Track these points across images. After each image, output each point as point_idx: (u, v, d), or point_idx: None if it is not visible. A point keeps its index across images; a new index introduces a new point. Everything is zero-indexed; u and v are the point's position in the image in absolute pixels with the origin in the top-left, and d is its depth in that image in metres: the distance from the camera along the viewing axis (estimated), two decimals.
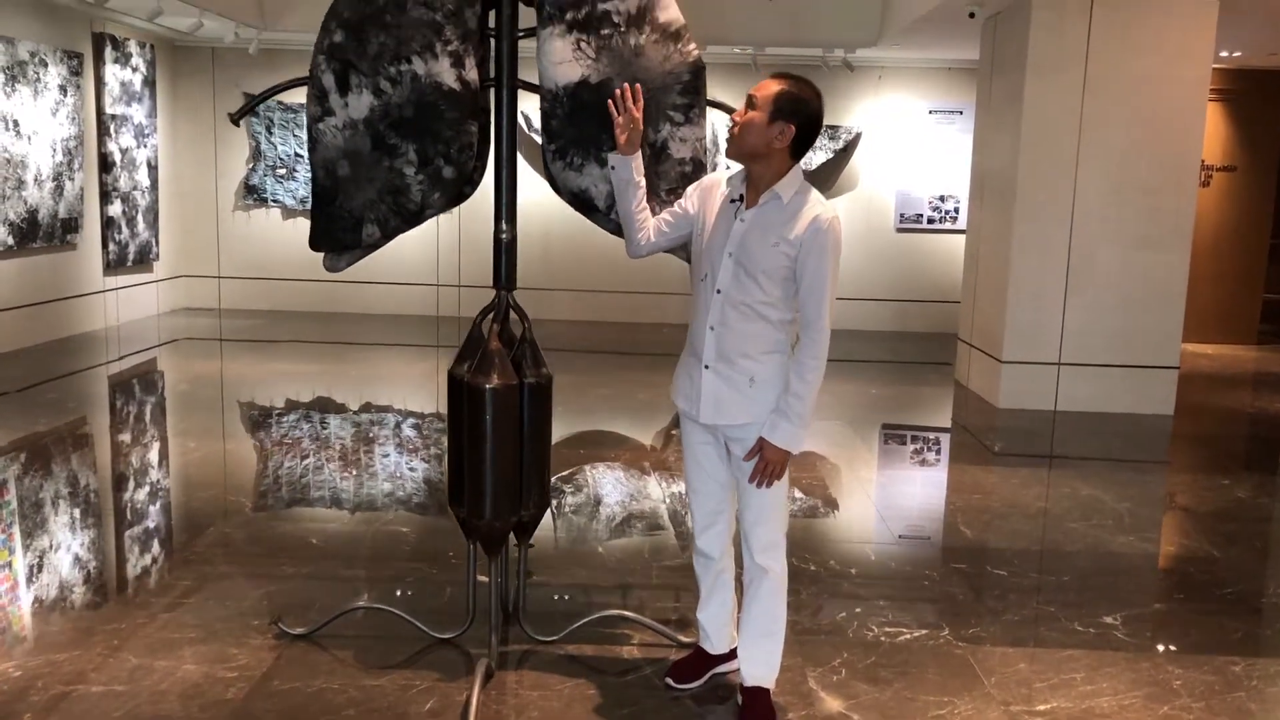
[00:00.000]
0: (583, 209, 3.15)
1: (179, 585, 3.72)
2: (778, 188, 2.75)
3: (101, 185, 9.14)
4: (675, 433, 6.13)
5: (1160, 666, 3.33)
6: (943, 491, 5.38)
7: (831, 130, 10.36)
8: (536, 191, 2.84)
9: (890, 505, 5.05)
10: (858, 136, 10.46)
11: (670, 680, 3.09)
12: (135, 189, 9.61)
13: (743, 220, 2.78)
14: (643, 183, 2.96)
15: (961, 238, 10.36)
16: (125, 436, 5.95)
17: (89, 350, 8.39)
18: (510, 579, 3.41)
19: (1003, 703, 3.06)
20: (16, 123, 7.87)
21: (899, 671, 3.23)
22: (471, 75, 2.98)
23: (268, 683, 3.03)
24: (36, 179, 8.16)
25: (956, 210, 10.57)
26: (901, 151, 10.53)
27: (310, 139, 3.00)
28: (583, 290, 10.61)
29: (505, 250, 3.16)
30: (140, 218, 9.72)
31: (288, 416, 6.49)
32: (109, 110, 9.10)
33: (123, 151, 9.37)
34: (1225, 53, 8.94)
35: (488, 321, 3.17)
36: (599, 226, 3.20)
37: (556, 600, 3.68)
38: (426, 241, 10.41)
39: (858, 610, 3.67)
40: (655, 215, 3.02)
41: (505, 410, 3.05)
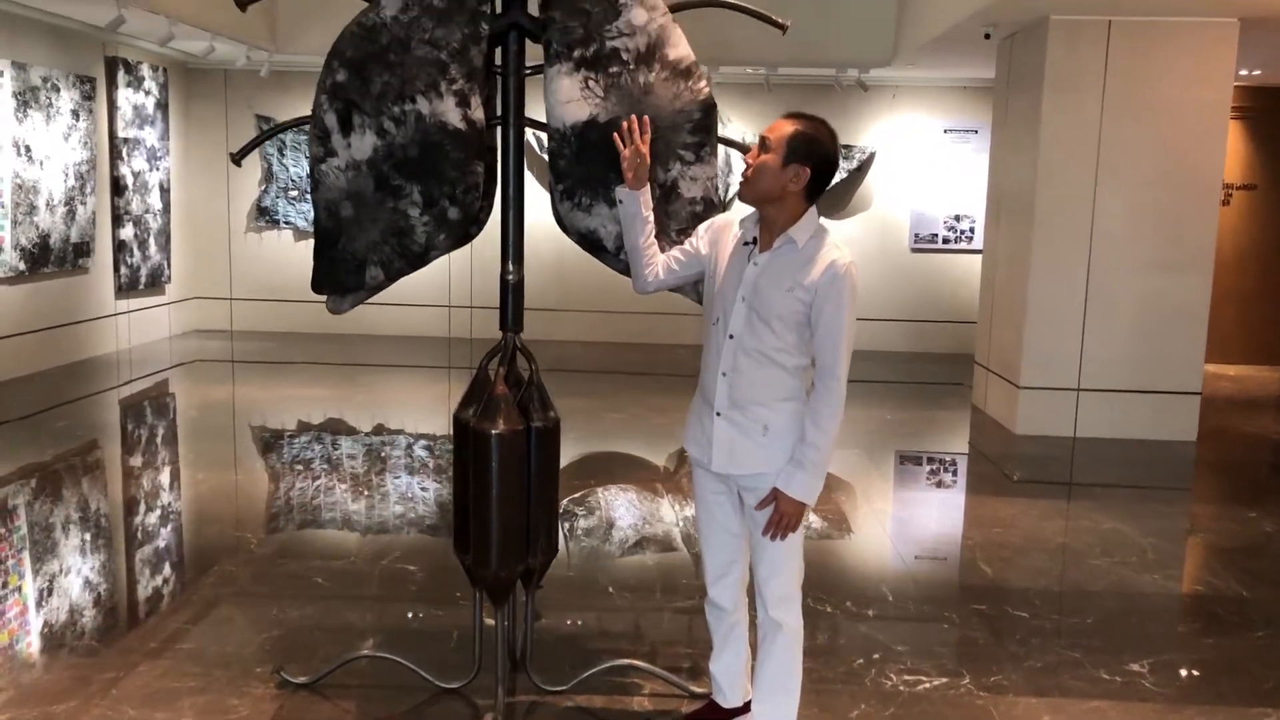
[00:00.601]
0: (591, 249, 3.07)
1: (180, 629, 3.65)
2: (792, 232, 2.67)
3: (114, 209, 9.14)
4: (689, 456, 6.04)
5: None
6: (961, 525, 5.26)
7: (845, 150, 10.27)
8: (548, 212, 2.78)
9: (907, 539, 4.94)
10: (872, 156, 10.37)
11: None
12: (147, 212, 9.61)
13: (756, 264, 2.70)
14: (650, 218, 2.89)
15: (977, 258, 10.26)
16: (132, 467, 5.90)
17: (100, 374, 8.37)
18: (517, 625, 3.33)
19: None
20: (28, 148, 7.87)
21: None
22: (477, 114, 2.91)
23: None
24: (49, 204, 8.15)
25: (972, 230, 10.47)
26: (916, 171, 10.44)
27: (312, 180, 2.94)
28: (597, 311, 10.54)
29: (512, 292, 3.09)
30: (152, 240, 9.72)
31: (297, 444, 6.43)
32: (121, 134, 9.11)
33: (135, 175, 9.37)
34: (1245, 71, 8.82)
35: (494, 364, 3.10)
36: (608, 267, 3.12)
37: (565, 646, 3.59)
38: (438, 263, 10.32)
39: (875, 656, 3.57)
40: (665, 253, 2.95)
41: (512, 456, 2.97)
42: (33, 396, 7.37)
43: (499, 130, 3.05)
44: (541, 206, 3.58)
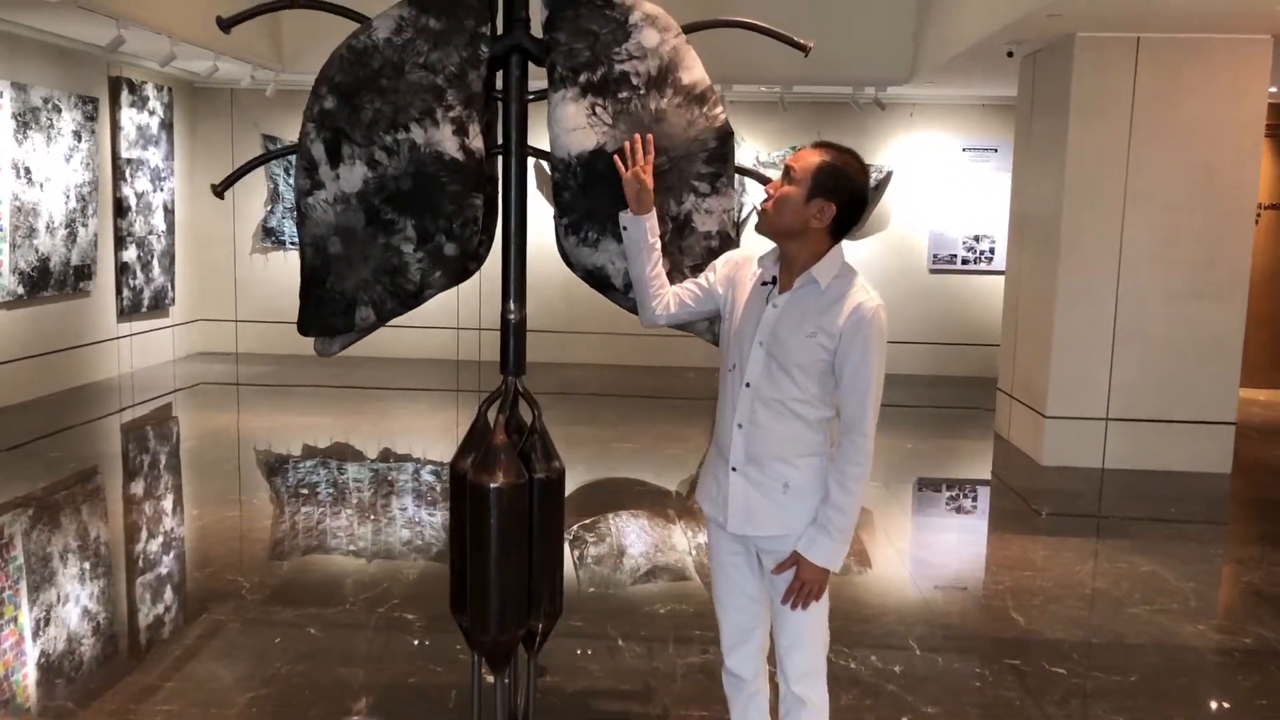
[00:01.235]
0: (598, 286, 2.86)
1: (161, 689, 3.43)
2: (814, 271, 2.44)
3: (116, 230, 8.98)
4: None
5: None
6: (989, 566, 5.01)
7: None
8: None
9: (931, 582, 4.69)
10: (889, 175, 10.15)
11: None
12: (151, 233, 9.45)
13: (775, 306, 2.47)
14: (658, 245, 2.66)
15: (998, 279, 10.01)
16: (123, 502, 5.70)
17: (100, 400, 8.19)
18: (519, 685, 3.09)
19: None
20: (28, 170, 7.72)
21: None
22: (476, 143, 2.70)
23: None
24: (49, 226, 7.99)
25: (992, 250, 10.22)
26: (934, 190, 10.21)
27: (298, 214, 2.73)
28: (607, 333, 10.32)
29: (513, 332, 2.87)
30: (156, 262, 9.56)
31: (299, 477, 6.22)
32: (125, 154, 8.96)
33: (138, 196, 9.22)
34: (1275, 88, 8.57)
35: (494, 410, 2.88)
36: (617, 305, 2.90)
37: (571, 708, 3.35)
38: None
39: None
40: (677, 285, 2.72)
41: (512, 512, 2.74)
42: (29, 424, 7.19)
43: (499, 160, 2.84)
44: (549, 227, 3.36)
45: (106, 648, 3.81)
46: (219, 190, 2.84)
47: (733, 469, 2.51)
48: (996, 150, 10.10)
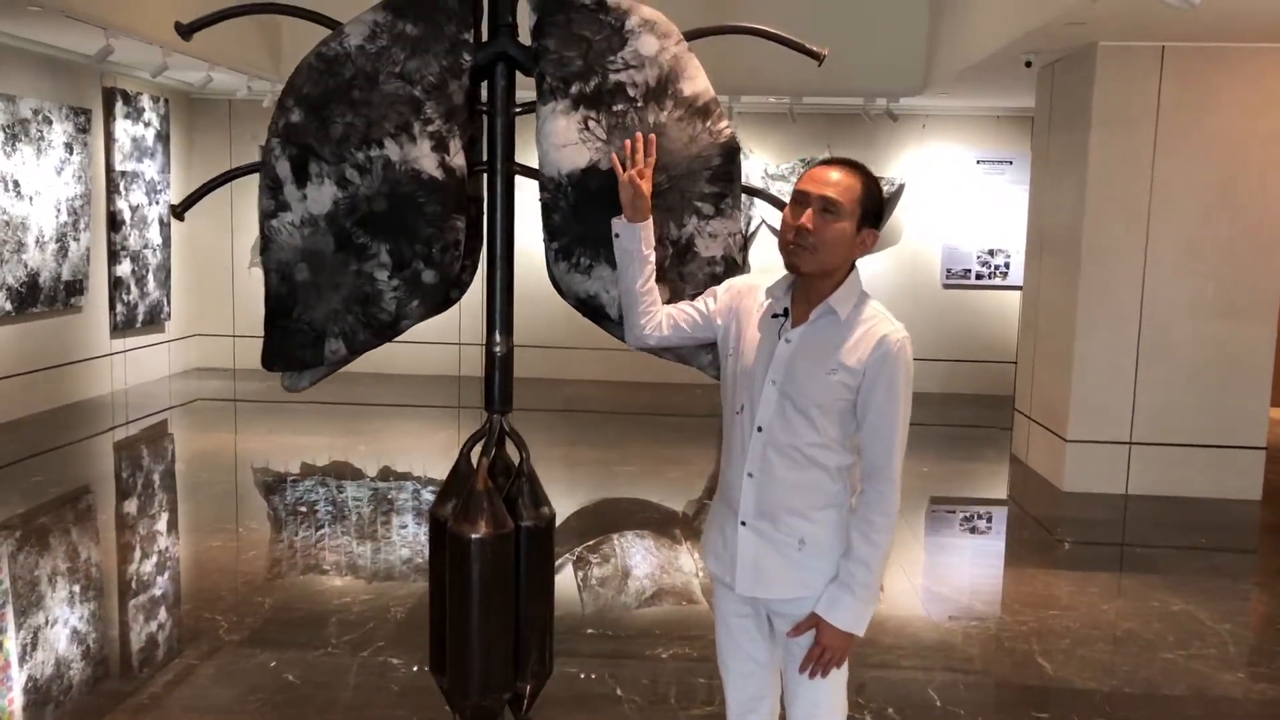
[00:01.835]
0: (591, 316, 2.61)
1: None
2: (833, 300, 2.20)
3: (110, 244, 8.78)
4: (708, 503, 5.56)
5: None
6: (1011, 605, 4.73)
7: None
8: None
9: (950, 622, 4.42)
10: (901, 188, 9.90)
11: None
12: (146, 247, 9.25)
13: (788, 340, 2.22)
14: (652, 258, 2.40)
15: (1013, 295, 9.76)
16: (103, 530, 5.46)
17: (92, 418, 7.98)
18: None
19: None
20: (17, 183, 7.52)
21: None
22: (457, 161, 2.46)
23: None
24: (38, 241, 7.79)
25: (1007, 266, 9.95)
26: (948, 204, 9.95)
27: (262, 238, 2.49)
28: (610, 349, 10.04)
29: (499, 366, 2.63)
30: (151, 277, 9.35)
31: (291, 502, 5.98)
32: (119, 167, 8.76)
33: (133, 209, 9.02)
34: None
35: (477, 451, 2.63)
36: (612, 335, 2.66)
37: None
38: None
39: None
40: (672, 305, 2.46)
41: (496, 564, 2.50)
42: (14, 444, 6.97)
43: (484, 178, 2.60)
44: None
45: (63, 697, 3.57)
46: (179, 211, 2.61)
47: (742, 523, 2.26)
48: (1012, 162, 9.85)
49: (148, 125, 9.14)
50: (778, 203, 2.36)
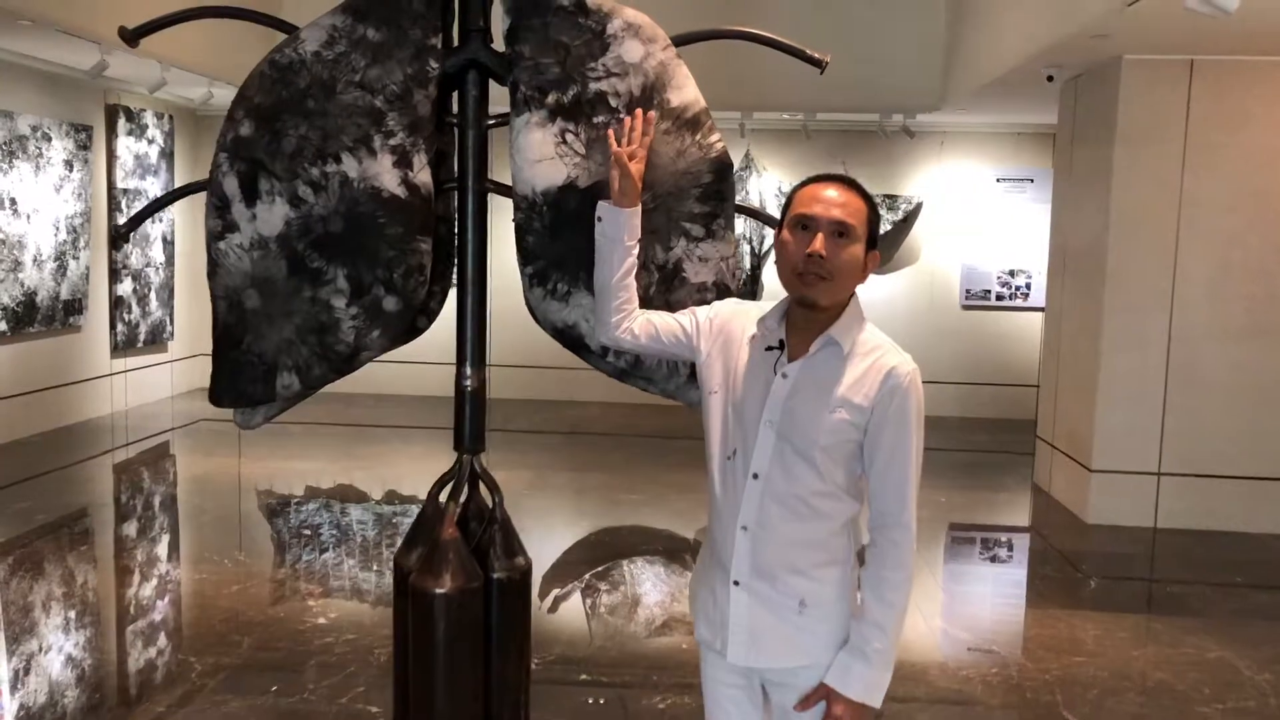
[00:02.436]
0: (570, 347, 2.39)
1: None
2: (835, 331, 1.96)
3: (111, 263, 8.63)
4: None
5: None
6: (1034, 649, 4.45)
7: (890, 200, 9.58)
8: None
9: (970, 668, 4.14)
10: (918, 207, 9.64)
11: None
12: (149, 265, 9.11)
13: (785, 376, 1.98)
14: (635, 250, 2.16)
15: (1035, 316, 9.48)
16: (82, 563, 5.26)
17: (90, 440, 7.81)
18: None
19: None
20: (14, 201, 7.39)
21: None
22: (421, 177, 2.25)
23: None
24: (36, 259, 7.65)
25: (1028, 286, 9.67)
26: (967, 223, 9.69)
27: (209, 262, 2.28)
28: None
29: (470, 401, 2.40)
30: (153, 295, 9.20)
31: (284, 531, 5.77)
32: (121, 184, 8.62)
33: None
34: None
35: (447, 494, 2.41)
36: (595, 369, 2.43)
37: None
38: (449, 316, 9.74)
39: None
40: (651, 311, 2.23)
41: (463, 622, 2.27)
42: (8, 468, 6.80)
43: (454, 196, 2.39)
44: None
45: None
46: (123, 231, 2.41)
47: (735, 583, 2.01)
48: (1033, 180, 9.58)
49: (151, 142, 9.01)
50: (771, 220, 2.13)
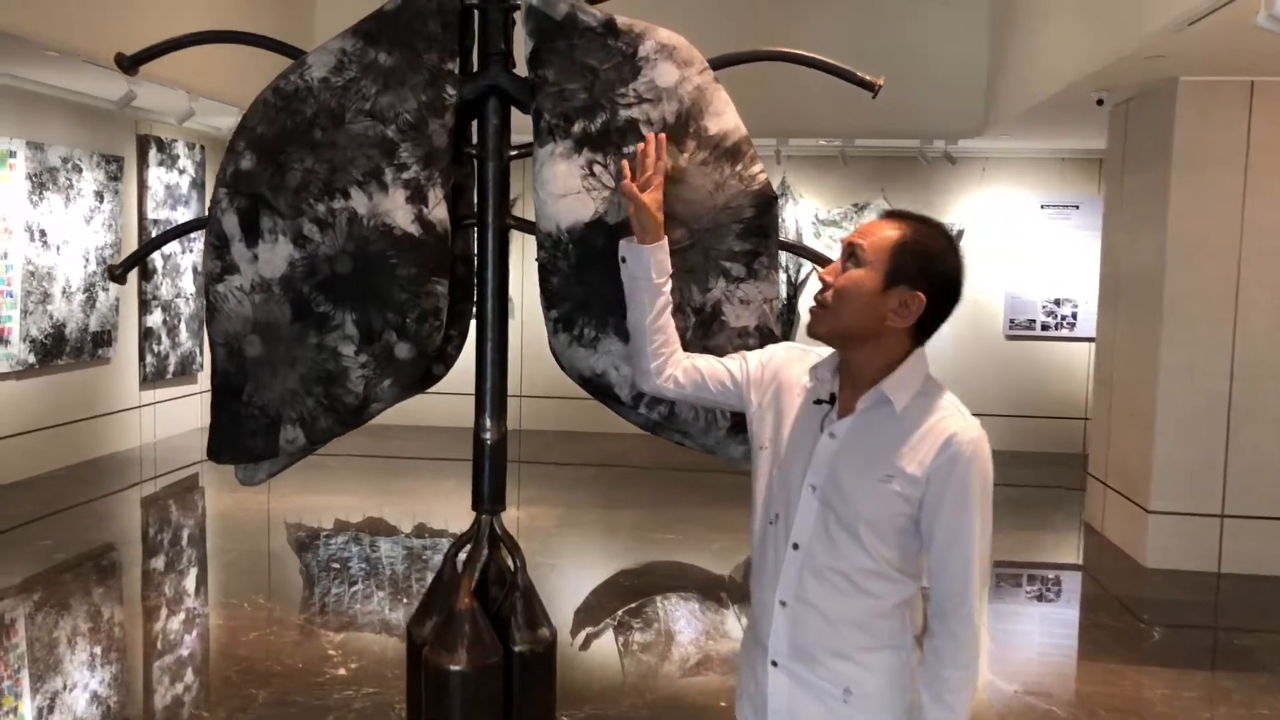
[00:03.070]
0: (600, 397, 2.19)
1: None
2: (886, 386, 1.74)
3: (140, 294, 8.58)
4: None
5: None
6: (1096, 710, 4.15)
7: None
8: None
9: None
10: (960, 234, 9.36)
11: None
12: (179, 296, 9.05)
13: (833, 435, 1.77)
14: (667, 288, 1.97)
15: (1082, 346, 9.17)
16: (96, 605, 5.11)
17: (116, 473, 7.72)
18: None
19: None
20: (44, 232, 7.35)
21: None
22: (437, 213, 2.07)
23: None
24: (65, 291, 7.60)
25: (1075, 316, 9.36)
26: (1011, 250, 9.40)
27: (208, 306, 2.11)
28: None
29: (490, 456, 2.21)
30: (183, 326, 9.14)
31: (309, 571, 5.60)
32: (151, 215, 8.59)
33: (165, 257, 8.83)
34: None
35: (464, 559, 2.21)
36: (627, 420, 2.23)
37: None
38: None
39: None
40: (696, 356, 2.02)
41: (480, 700, 2.06)
42: (31, 503, 6.70)
43: (474, 233, 2.21)
44: None
45: None
46: (119, 274, 2.24)
47: (773, 663, 1.80)
48: (1079, 207, 9.30)
49: (182, 172, 8.98)
50: (822, 259, 1.92)
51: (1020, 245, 9.39)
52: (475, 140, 2.19)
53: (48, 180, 7.37)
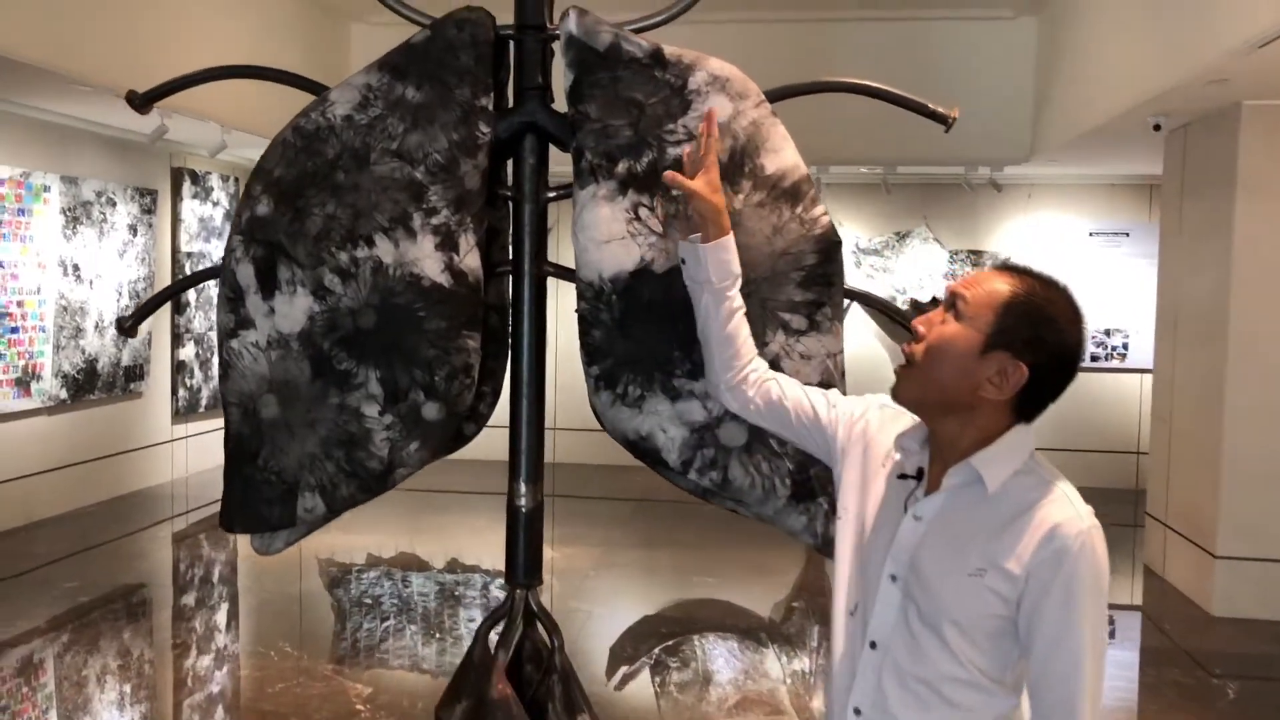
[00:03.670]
0: (647, 461, 2.00)
1: None
2: (977, 461, 1.52)
3: (173, 327, 8.53)
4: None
5: None
6: None
7: (975, 256, 9.09)
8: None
9: None
10: (1005, 262, 9.12)
11: None
12: (211, 329, 8.99)
13: (917, 517, 1.55)
14: (733, 291, 1.75)
15: (1134, 377, 8.86)
16: (113, 654, 4.97)
17: (148, 509, 7.62)
18: None
19: None
20: (76, 267, 7.30)
21: None
22: (469, 262, 1.89)
23: None
24: (98, 325, 7.54)
25: (1126, 346, 9.05)
26: (1057, 278, 9.11)
27: (221, 363, 1.95)
28: None
29: (525, 525, 2.02)
30: (215, 359, 9.07)
31: (331, 619, 5.44)
32: (185, 248, 8.55)
33: (198, 290, 8.78)
34: None
35: (496, 638, 2.02)
36: (676, 486, 2.03)
37: None
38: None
39: None
40: (782, 377, 1.80)
41: None
42: (60, 540, 6.61)
43: (508, 281, 2.03)
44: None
45: None
46: (129, 326, 2.09)
47: None
48: (1129, 234, 9.01)
49: (216, 205, 8.94)
50: (899, 315, 1.72)
51: (1067, 273, 9.07)
52: (510, 182, 2.02)
53: (81, 214, 7.33)
